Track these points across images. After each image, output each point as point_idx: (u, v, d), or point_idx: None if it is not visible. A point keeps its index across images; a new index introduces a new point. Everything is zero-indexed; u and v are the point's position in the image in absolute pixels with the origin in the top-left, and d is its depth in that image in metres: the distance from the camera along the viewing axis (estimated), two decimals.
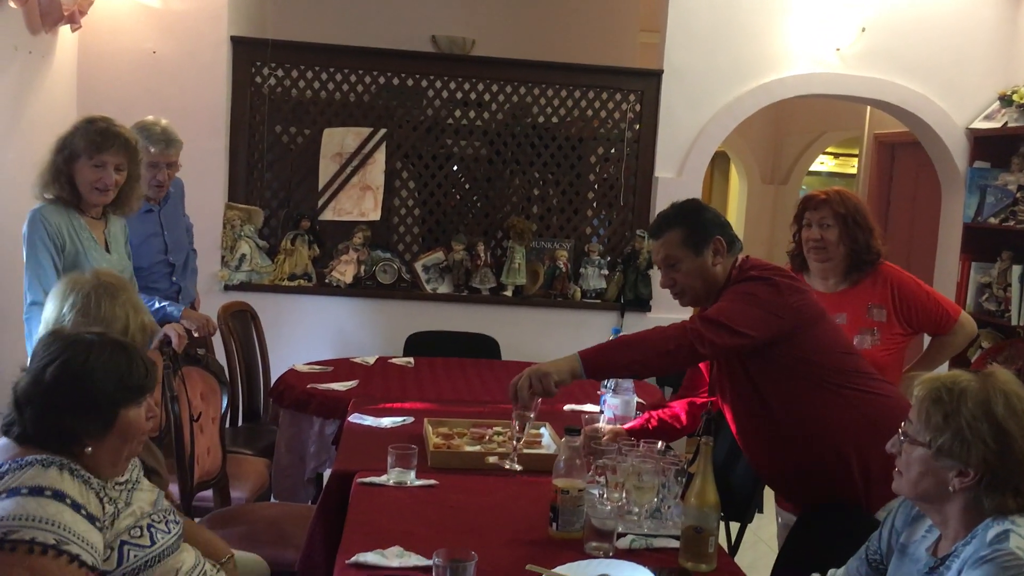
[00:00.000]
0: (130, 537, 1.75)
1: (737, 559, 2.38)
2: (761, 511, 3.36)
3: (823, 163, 11.43)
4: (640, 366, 2.40)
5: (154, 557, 1.79)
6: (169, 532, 1.87)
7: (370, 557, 1.97)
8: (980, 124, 4.99)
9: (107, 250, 3.10)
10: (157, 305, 3.41)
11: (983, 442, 1.60)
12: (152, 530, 1.81)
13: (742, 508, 3.08)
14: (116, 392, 1.77)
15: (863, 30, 4.95)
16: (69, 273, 2.67)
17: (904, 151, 6.41)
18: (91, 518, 1.67)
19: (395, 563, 1.97)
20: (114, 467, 1.80)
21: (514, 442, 2.10)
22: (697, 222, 2.46)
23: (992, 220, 4.84)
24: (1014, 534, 1.55)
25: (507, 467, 2.07)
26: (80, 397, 1.73)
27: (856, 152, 8.20)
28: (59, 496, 1.63)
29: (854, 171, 9.12)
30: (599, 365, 2.36)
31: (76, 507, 1.65)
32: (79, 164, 2.98)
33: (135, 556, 1.75)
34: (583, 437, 2.44)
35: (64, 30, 4.36)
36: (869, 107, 6.38)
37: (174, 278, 3.71)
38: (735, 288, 2.41)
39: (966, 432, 1.60)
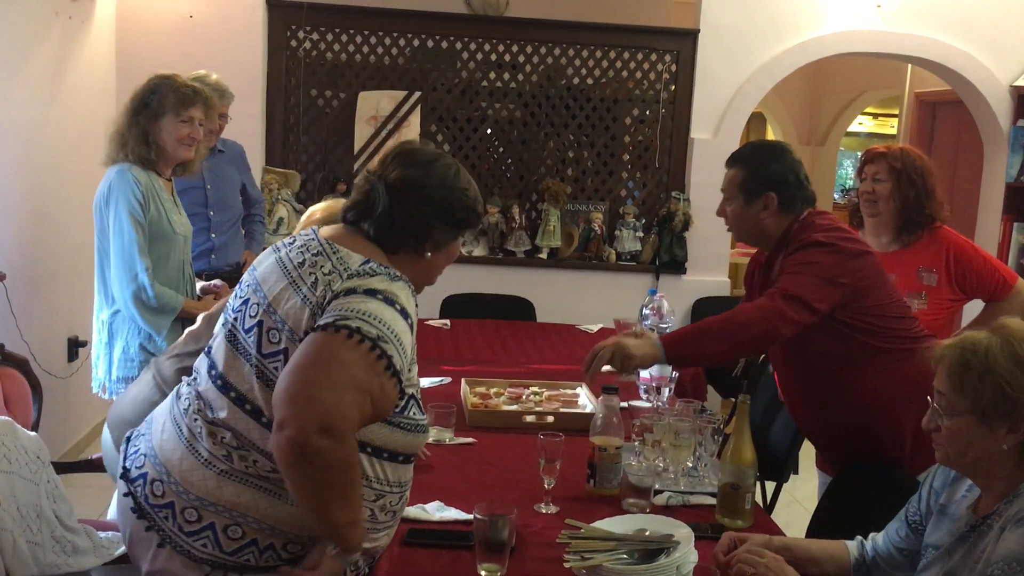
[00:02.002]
0: (415, 396, 1.74)
1: (772, 518, 2.39)
2: (796, 472, 3.36)
3: (861, 123, 11.25)
4: (726, 355, 2.37)
5: (421, 427, 1.75)
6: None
7: (411, 511, 2.02)
8: None
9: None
10: None
11: None
12: (422, 405, 1.78)
13: (778, 468, 3.09)
14: (470, 215, 1.79)
15: None
16: None
17: (946, 110, 6.29)
18: (412, 336, 1.69)
19: (435, 517, 2.02)
20: (426, 283, 1.84)
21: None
22: (758, 172, 2.40)
23: None
24: None
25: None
26: (451, 203, 1.74)
27: (895, 112, 8.05)
28: (404, 315, 1.65)
29: (893, 131, 8.96)
30: (682, 354, 2.32)
31: (411, 328, 1.68)
32: (164, 121, 2.92)
33: (413, 414, 1.72)
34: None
35: None
36: (910, 65, 6.26)
37: (212, 235, 3.69)
38: (798, 256, 2.32)
39: (1007, 388, 1.58)
